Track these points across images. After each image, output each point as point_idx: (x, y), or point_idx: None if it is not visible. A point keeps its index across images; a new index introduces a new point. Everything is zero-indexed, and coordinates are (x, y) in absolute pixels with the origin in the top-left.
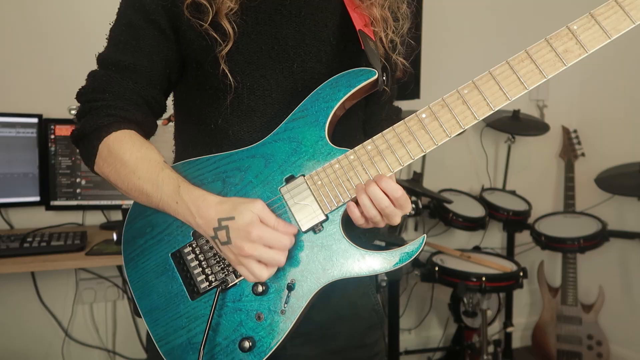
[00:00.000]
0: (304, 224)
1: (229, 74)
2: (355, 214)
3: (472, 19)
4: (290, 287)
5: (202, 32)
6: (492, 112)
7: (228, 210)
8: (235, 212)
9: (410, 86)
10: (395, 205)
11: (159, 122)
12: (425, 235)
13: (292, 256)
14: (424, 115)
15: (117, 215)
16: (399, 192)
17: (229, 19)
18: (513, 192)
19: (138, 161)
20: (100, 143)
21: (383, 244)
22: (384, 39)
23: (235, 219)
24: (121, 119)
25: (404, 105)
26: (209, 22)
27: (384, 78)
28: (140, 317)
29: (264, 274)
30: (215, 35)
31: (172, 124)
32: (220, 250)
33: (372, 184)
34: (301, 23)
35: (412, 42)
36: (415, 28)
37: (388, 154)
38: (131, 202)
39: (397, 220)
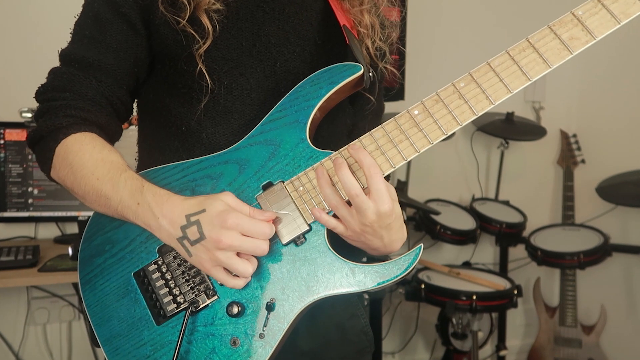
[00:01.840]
0: (285, 236)
1: (206, 75)
2: (325, 221)
3: (463, 12)
4: (270, 307)
5: (177, 28)
6: (492, 106)
7: (195, 205)
8: (204, 204)
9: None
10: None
11: None
12: (421, 245)
13: (270, 272)
14: (416, 112)
15: (72, 228)
16: (356, 189)
17: (209, 15)
18: (506, 203)
19: (98, 162)
20: (57, 145)
21: (364, 259)
22: (370, 47)
23: (206, 210)
24: (81, 120)
25: (388, 107)
26: (186, 18)
27: (370, 74)
28: (98, 346)
29: (249, 268)
30: (193, 32)
31: (133, 127)
32: (188, 256)
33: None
34: (285, 21)
35: (402, 48)
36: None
37: (377, 155)
38: (88, 213)
39: (375, 242)
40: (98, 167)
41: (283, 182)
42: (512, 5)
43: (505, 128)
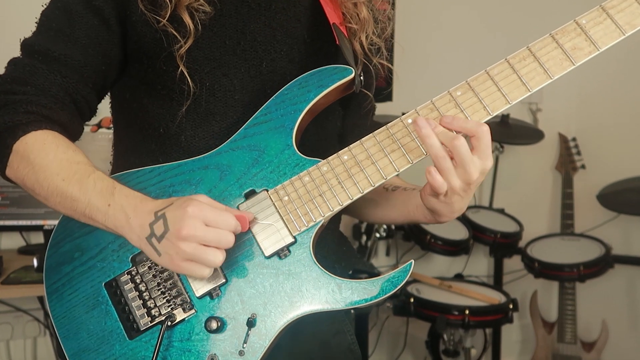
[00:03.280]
0: (268, 248)
1: (187, 77)
2: (437, 181)
3: (455, 8)
4: (251, 323)
5: (157, 27)
6: (489, 117)
7: (166, 201)
8: (173, 199)
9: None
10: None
11: (87, 129)
12: (412, 261)
13: (252, 286)
14: (410, 121)
15: (38, 238)
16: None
17: (191, 12)
18: (501, 211)
19: (63, 163)
20: (15, 142)
21: (350, 271)
22: (364, 41)
23: (173, 204)
24: (42, 117)
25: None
26: (167, 17)
27: (361, 77)
28: None
29: (219, 256)
30: (174, 32)
31: (103, 130)
32: (157, 256)
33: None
34: (271, 17)
35: (392, 40)
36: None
37: (368, 165)
38: (55, 222)
39: (458, 205)
40: (64, 167)
41: (267, 190)
42: (509, 6)
43: (500, 131)
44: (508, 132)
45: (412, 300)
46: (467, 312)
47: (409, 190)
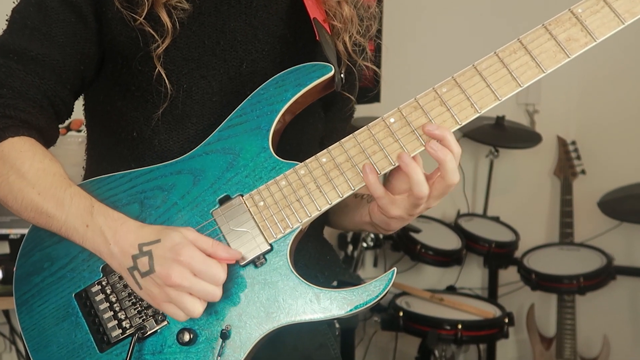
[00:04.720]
0: (243, 256)
1: (165, 78)
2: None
3: (446, 6)
4: (225, 335)
5: (134, 26)
6: (477, 115)
7: (151, 234)
8: (160, 234)
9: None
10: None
11: None
12: (395, 269)
13: (226, 296)
14: (392, 120)
15: (3, 248)
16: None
17: (169, 10)
18: (496, 219)
19: (39, 173)
20: None
21: (335, 283)
22: (347, 42)
23: (160, 241)
24: (21, 122)
25: (361, 110)
26: (144, 15)
27: (342, 75)
28: None
29: (198, 308)
30: (151, 31)
31: (72, 133)
32: (138, 288)
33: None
34: (252, 15)
35: (379, 40)
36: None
37: (347, 168)
38: (21, 231)
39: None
40: (40, 179)
41: (242, 195)
42: (501, 5)
43: (494, 134)
44: (503, 135)
45: (401, 314)
46: (459, 326)
47: (359, 197)
